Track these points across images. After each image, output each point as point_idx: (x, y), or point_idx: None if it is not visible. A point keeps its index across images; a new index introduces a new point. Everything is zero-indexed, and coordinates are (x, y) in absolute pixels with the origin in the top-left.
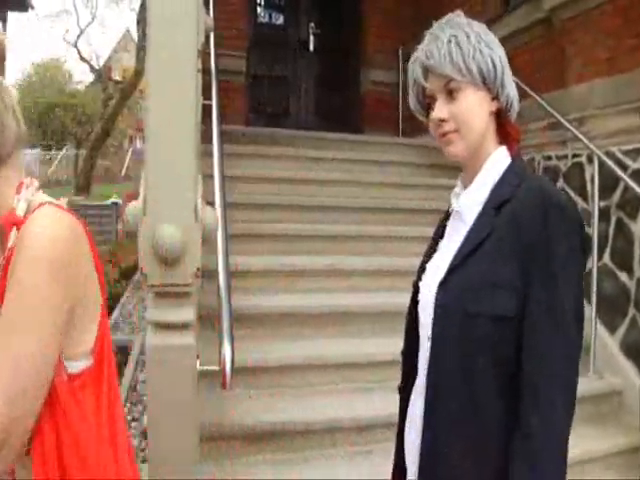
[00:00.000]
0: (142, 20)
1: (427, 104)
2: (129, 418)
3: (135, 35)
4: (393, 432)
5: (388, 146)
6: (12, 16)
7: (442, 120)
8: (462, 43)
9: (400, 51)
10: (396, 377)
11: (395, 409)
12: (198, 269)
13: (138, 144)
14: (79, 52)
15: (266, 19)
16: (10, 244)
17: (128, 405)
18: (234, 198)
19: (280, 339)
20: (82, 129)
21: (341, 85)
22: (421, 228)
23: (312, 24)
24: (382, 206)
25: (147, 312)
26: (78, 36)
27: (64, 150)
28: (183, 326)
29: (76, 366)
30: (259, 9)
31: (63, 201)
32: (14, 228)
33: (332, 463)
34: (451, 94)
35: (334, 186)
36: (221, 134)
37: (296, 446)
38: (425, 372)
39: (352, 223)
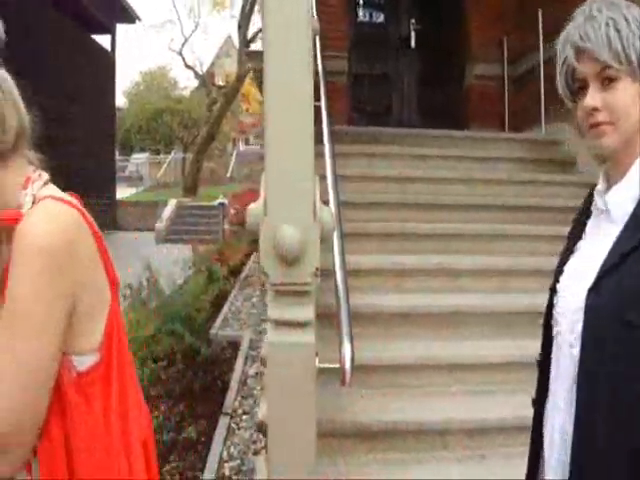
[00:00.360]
0: (243, 26)
1: (577, 88)
2: (240, 411)
3: (236, 41)
4: (506, 437)
5: (493, 141)
6: (120, 28)
7: (595, 109)
8: (621, 28)
9: (505, 43)
10: (507, 380)
11: (507, 413)
12: (317, 268)
13: (241, 147)
14: (184, 59)
15: (366, 18)
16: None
17: (239, 399)
18: (342, 197)
19: (391, 339)
20: (188, 133)
21: (443, 81)
22: (529, 226)
23: (413, 20)
24: (489, 203)
25: (268, 310)
26: (182, 44)
27: (172, 154)
28: (303, 324)
29: (83, 362)
30: (359, 9)
31: (172, 202)
32: (18, 226)
33: (444, 466)
34: (606, 82)
35: (440, 184)
36: (331, 134)
37: (408, 447)
38: (566, 383)
39: (458, 221)
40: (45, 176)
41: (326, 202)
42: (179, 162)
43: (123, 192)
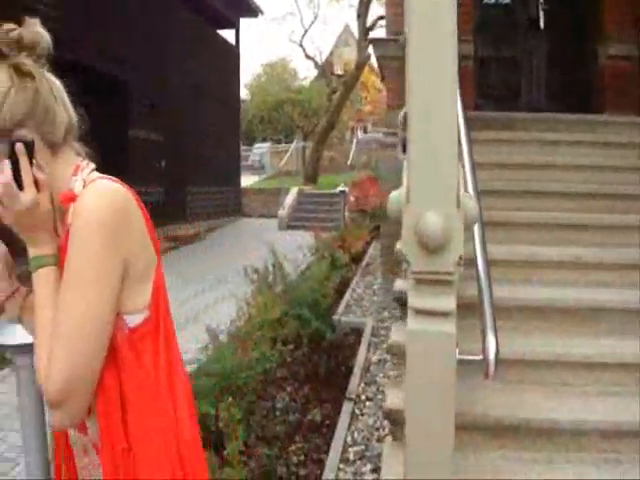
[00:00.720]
0: (362, 15)
1: None
2: (363, 397)
3: (355, 29)
4: None
5: (629, 126)
6: (244, 22)
7: None
8: None
9: None
10: None
11: None
12: (460, 257)
13: (359, 134)
14: (304, 50)
15: (492, 0)
16: (69, 220)
17: (362, 385)
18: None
19: (523, 332)
20: (308, 122)
21: (575, 63)
22: None
23: (541, 0)
24: (624, 193)
25: (409, 298)
26: (302, 35)
27: (294, 143)
28: (444, 314)
29: (135, 319)
30: None
31: (294, 189)
32: (72, 205)
33: (578, 467)
34: None
35: (574, 171)
36: (467, 120)
37: (539, 446)
38: None
39: (594, 211)
40: (92, 165)
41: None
42: (300, 151)
43: (246, 181)
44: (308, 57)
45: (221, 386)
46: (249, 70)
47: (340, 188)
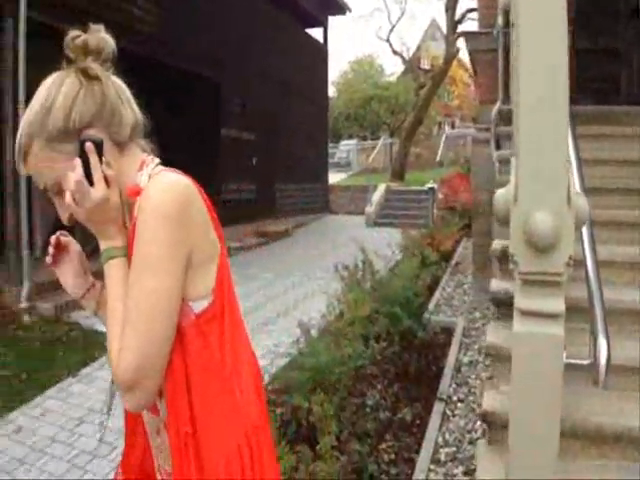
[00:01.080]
0: (450, 8)
1: None
2: (454, 399)
3: (442, 23)
4: None
5: None
6: (331, 20)
7: None
8: None
9: None
10: None
11: None
12: (570, 257)
13: (447, 130)
14: (391, 46)
15: None
16: (136, 213)
17: (453, 386)
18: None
19: (625, 336)
20: (395, 119)
21: None
22: None
23: None
24: None
25: (515, 300)
26: (390, 31)
27: (381, 139)
28: (552, 316)
29: (200, 305)
30: None
31: (382, 186)
32: (138, 198)
33: None
34: None
35: None
36: (572, 116)
37: None
38: None
39: None
40: (157, 160)
41: None
42: (387, 148)
43: (333, 178)
44: (395, 53)
45: (314, 380)
46: (336, 67)
47: (429, 185)
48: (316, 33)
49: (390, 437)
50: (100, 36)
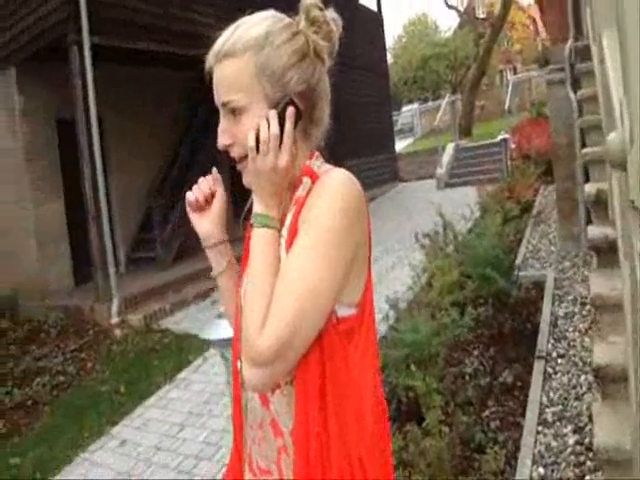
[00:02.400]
0: None
1: None
2: (554, 355)
3: None
4: None
5: None
6: None
7: None
8: None
9: None
10: None
11: None
12: None
13: (509, 77)
14: (445, 0)
15: None
16: (300, 193)
17: (551, 341)
18: None
19: None
20: (456, 74)
21: None
22: None
23: None
24: None
25: (636, 245)
26: None
27: (446, 98)
28: None
29: (345, 312)
30: None
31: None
32: (306, 179)
33: None
34: None
35: None
36: None
37: None
38: None
39: None
40: (320, 156)
41: None
42: (450, 106)
43: (398, 145)
44: (450, 7)
45: (414, 356)
46: (389, 33)
47: (500, 136)
48: (368, 2)
49: (493, 403)
50: (333, 28)
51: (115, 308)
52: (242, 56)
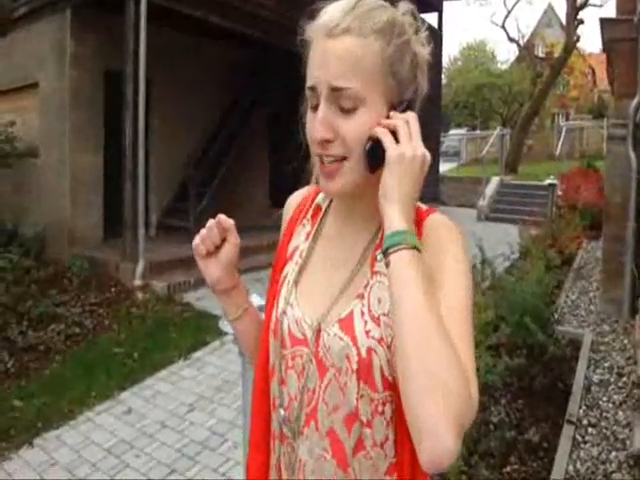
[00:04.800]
0: None
1: None
2: (585, 422)
3: (558, 10)
4: None
5: None
6: (447, 5)
7: None
8: None
9: None
10: None
11: None
12: None
13: (561, 122)
14: (507, 32)
15: None
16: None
17: (583, 407)
18: None
19: None
20: (508, 108)
21: None
22: None
23: None
24: None
25: None
26: (505, 16)
27: (497, 130)
28: None
29: None
30: None
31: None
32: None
33: None
34: None
35: None
36: None
37: None
38: None
39: None
40: None
41: None
42: (499, 138)
43: (441, 167)
44: (511, 40)
45: None
46: (445, 53)
47: (549, 181)
48: (430, 18)
49: (516, 460)
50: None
51: (140, 270)
52: (369, 38)
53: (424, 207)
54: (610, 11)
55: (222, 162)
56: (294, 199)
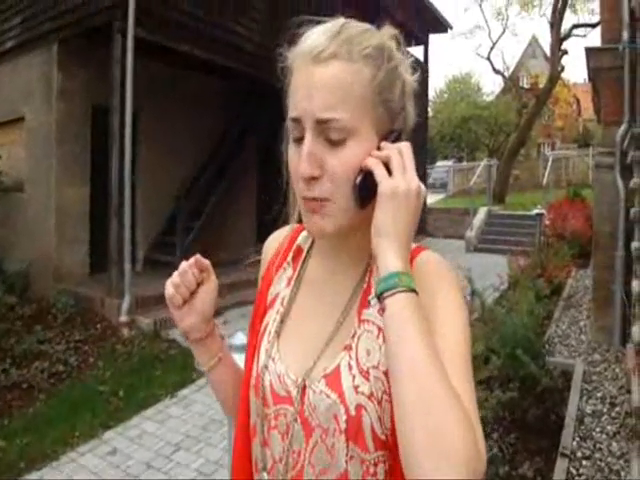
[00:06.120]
0: (555, 24)
1: None
2: (579, 455)
3: (542, 41)
4: None
5: None
6: (432, 38)
7: None
8: None
9: None
10: None
11: None
12: None
13: (547, 152)
14: (492, 64)
15: None
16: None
17: (577, 439)
18: None
19: None
20: (494, 139)
21: None
22: None
23: None
24: None
25: None
26: (491, 49)
27: (484, 161)
28: None
29: None
30: None
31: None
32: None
33: None
34: None
35: None
36: None
37: None
38: None
39: None
40: None
41: None
42: (486, 170)
43: (428, 199)
44: (497, 71)
45: None
46: (431, 86)
47: (537, 210)
48: (416, 52)
49: None
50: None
51: (126, 306)
52: (358, 63)
53: (413, 245)
54: (593, 41)
55: (211, 194)
56: (272, 240)
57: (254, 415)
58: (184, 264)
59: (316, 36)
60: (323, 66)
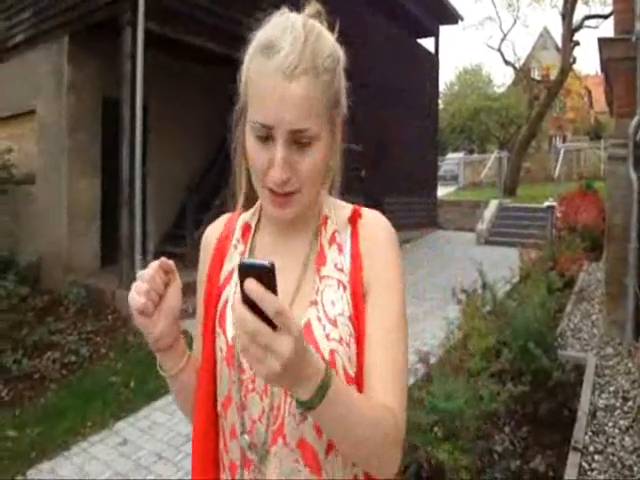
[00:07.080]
0: (567, 15)
1: None
2: (591, 449)
3: (554, 32)
4: None
5: None
6: (443, 30)
7: None
8: None
9: None
10: None
11: None
12: None
13: (558, 144)
14: (503, 56)
15: None
16: (341, 235)
17: (589, 434)
18: None
19: None
20: (505, 131)
21: None
22: None
23: None
24: None
25: None
26: (501, 40)
27: (495, 153)
28: None
29: None
30: None
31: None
32: (342, 217)
33: None
34: None
35: None
36: None
37: None
38: None
39: None
40: None
41: None
42: (497, 162)
43: (438, 192)
44: (507, 63)
45: (443, 425)
46: (441, 78)
47: (548, 203)
48: (427, 43)
49: None
50: None
51: None
52: (322, 76)
53: (350, 206)
54: (605, 32)
55: (221, 186)
56: (212, 231)
57: (227, 385)
58: (149, 270)
59: (286, 51)
60: (295, 82)
